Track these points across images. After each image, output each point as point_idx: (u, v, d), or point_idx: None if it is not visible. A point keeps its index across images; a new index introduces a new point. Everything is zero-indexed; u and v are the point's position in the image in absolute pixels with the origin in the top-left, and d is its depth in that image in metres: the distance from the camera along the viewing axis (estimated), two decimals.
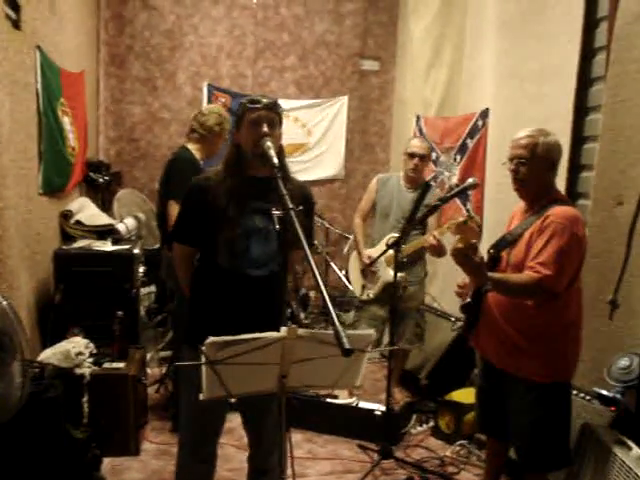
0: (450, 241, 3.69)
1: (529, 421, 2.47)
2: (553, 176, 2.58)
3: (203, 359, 1.56)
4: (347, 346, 1.31)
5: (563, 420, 2.49)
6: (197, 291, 2.36)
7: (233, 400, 2.20)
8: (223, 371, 1.58)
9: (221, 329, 2.06)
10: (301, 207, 1.86)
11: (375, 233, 4.11)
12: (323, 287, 1.44)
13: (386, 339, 4.38)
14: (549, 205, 2.46)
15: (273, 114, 2.21)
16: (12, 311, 2.03)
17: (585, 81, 3.36)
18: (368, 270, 4.00)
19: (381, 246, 3.95)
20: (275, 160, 2.02)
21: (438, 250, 3.56)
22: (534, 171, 2.47)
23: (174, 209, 3.31)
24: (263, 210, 2.11)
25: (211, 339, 1.55)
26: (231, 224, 2.17)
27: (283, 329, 1.56)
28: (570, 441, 2.55)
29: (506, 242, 2.55)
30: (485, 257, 2.50)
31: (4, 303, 2.03)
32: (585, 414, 2.80)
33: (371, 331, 1.70)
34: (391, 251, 3.87)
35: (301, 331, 1.56)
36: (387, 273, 3.89)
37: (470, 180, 2.75)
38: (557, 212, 2.41)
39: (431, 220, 3.97)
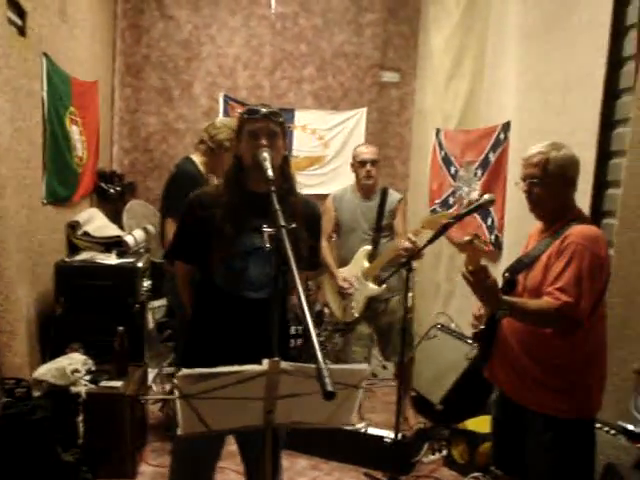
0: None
1: (548, 461, 2.26)
2: (571, 193, 2.37)
3: (176, 393, 1.41)
4: (329, 389, 1.15)
5: (586, 461, 2.27)
6: (195, 312, 2.23)
7: None
8: (200, 405, 1.43)
9: (215, 354, 1.92)
10: (294, 224, 1.69)
11: (344, 251, 3.96)
12: (308, 315, 1.28)
13: (375, 356, 4.27)
14: (568, 225, 2.26)
15: (273, 124, 2.07)
16: None
17: (612, 92, 3.17)
18: (344, 292, 3.84)
19: (356, 261, 3.82)
20: (270, 172, 1.87)
21: (413, 252, 3.37)
22: (548, 190, 2.27)
23: (170, 227, 3.19)
24: (261, 228, 1.96)
25: (184, 371, 1.40)
26: (227, 242, 2.04)
27: (265, 362, 1.40)
28: None
29: (523, 265, 2.35)
30: (500, 281, 2.31)
31: None
32: (609, 451, 2.58)
33: (364, 366, 1.53)
34: (367, 264, 3.76)
35: (285, 364, 1.39)
36: (368, 288, 3.75)
37: (486, 196, 2.56)
38: (576, 232, 2.20)
39: (397, 223, 3.88)
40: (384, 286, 3.66)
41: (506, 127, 4.16)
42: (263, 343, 1.87)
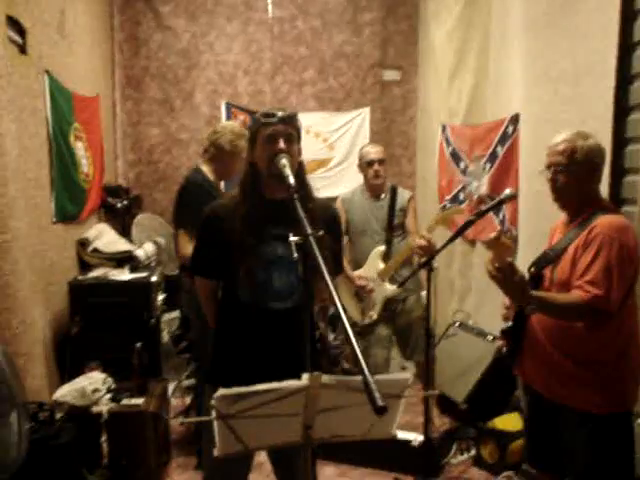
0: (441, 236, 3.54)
1: (585, 456, 2.21)
2: (596, 183, 2.33)
3: (214, 414, 1.36)
4: (380, 404, 1.10)
5: (625, 454, 2.22)
6: (219, 326, 2.19)
7: None
8: (238, 425, 1.38)
9: (244, 369, 1.88)
10: (322, 231, 1.64)
11: (357, 253, 3.91)
12: (350, 330, 1.22)
13: (395, 357, 4.21)
14: (594, 215, 2.21)
15: (290, 128, 2.02)
16: (6, 358, 1.86)
17: (624, 78, 3.11)
18: (362, 291, 3.78)
19: (370, 262, 3.78)
20: (291, 180, 1.82)
21: (429, 250, 3.32)
22: (574, 179, 2.23)
23: (183, 239, 3.15)
24: (284, 237, 1.91)
25: (222, 392, 1.34)
26: (249, 254, 1.98)
27: (305, 377, 1.34)
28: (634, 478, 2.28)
29: (548, 259, 2.30)
30: (526, 276, 2.26)
31: None
32: None
33: (407, 375, 1.48)
34: (382, 265, 3.71)
35: (325, 378, 1.34)
36: (385, 289, 3.71)
37: (507, 191, 2.52)
38: (603, 222, 2.15)
39: (409, 221, 3.85)
40: (395, 288, 3.61)
41: (515, 119, 4.10)
42: (294, 354, 1.82)
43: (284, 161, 1.89)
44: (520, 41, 3.98)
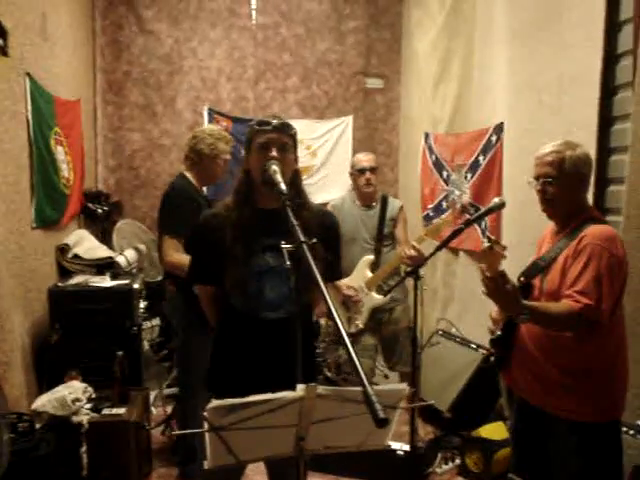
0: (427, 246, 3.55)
1: (574, 466, 2.20)
2: (585, 192, 2.34)
3: (206, 426, 1.32)
4: (382, 416, 1.08)
5: (613, 464, 2.22)
6: (217, 334, 2.17)
7: None
8: (230, 437, 1.34)
9: (239, 377, 1.90)
10: (315, 240, 1.61)
11: (346, 261, 3.86)
12: (347, 340, 1.20)
13: (380, 366, 4.19)
14: (583, 225, 2.21)
15: (284, 136, 1.99)
16: None
17: (609, 89, 3.14)
18: (349, 301, 3.76)
19: (358, 271, 3.75)
20: (282, 186, 1.79)
21: (418, 260, 3.32)
22: (563, 190, 2.23)
23: (168, 246, 3.10)
24: (277, 247, 1.88)
25: (214, 403, 1.31)
26: (240, 264, 1.95)
27: (300, 387, 1.32)
28: None
29: (538, 268, 2.30)
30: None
31: None
32: (630, 451, 2.52)
33: (403, 385, 1.46)
34: (369, 274, 3.69)
35: (321, 389, 1.31)
36: (371, 298, 3.70)
37: (496, 200, 2.51)
38: (593, 232, 2.15)
39: (399, 231, 3.84)
40: (389, 296, 3.59)
41: (498, 129, 4.13)
42: (288, 364, 1.79)
43: (274, 167, 1.87)
44: (504, 50, 4.01)
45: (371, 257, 3.74)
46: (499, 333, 2.38)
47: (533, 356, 2.27)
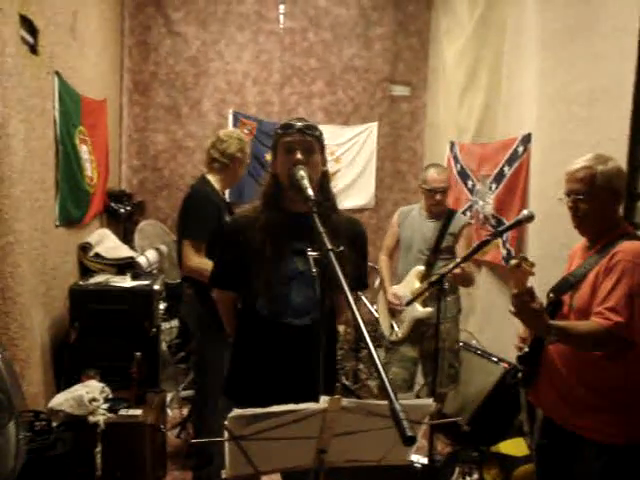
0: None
1: None
2: (617, 206, 2.28)
3: (226, 435, 1.30)
4: (409, 434, 1.04)
5: None
6: (237, 339, 2.14)
7: None
8: (250, 447, 1.31)
9: (260, 384, 1.88)
10: (342, 247, 1.58)
11: (400, 268, 3.85)
12: (374, 353, 1.16)
13: (419, 381, 4.11)
14: (616, 241, 2.15)
15: (309, 138, 1.97)
16: (6, 365, 1.79)
17: None
18: (394, 308, 3.73)
19: (408, 280, 3.70)
20: (309, 192, 1.77)
21: (463, 278, 3.26)
22: (595, 206, 2.17)
23: (188, 249, 3.09)
24: (305, 252, 1.86)
25: (236, 412, 1.28)
26: (268, 268, 1.93)
27: (324, 399, 1.28)
28: None
29: (568, 284, 2.23)
30: (544, 302, 2.20)
31: None
32: None
33: (429, 401, 1.42)
34: (418, 284, 3.63)
35: (345, 402, 1.28)
36: (415, 309, 3.62)
37: (525, 212, 2.46)
38: (626, 248, 2.09)
39: (460, 247, 3.73)
40: (430, 309, 3.52)
41: (526, 139, 4.06)
42: (310, 372, 1.76)
43: (302, 173, 1.84)
44: (534, 61, 3.95)
45: (422, 268, 3.66)
46: (526, 350, 2.33)
47: (561, 374, 2.21)
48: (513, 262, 2.04)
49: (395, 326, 3.74)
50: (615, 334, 2.00)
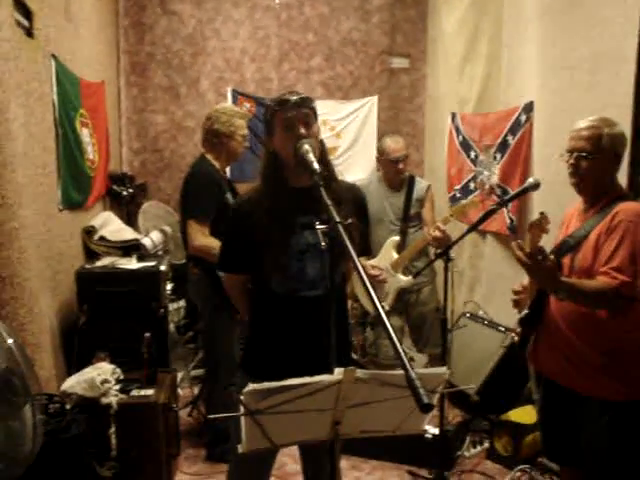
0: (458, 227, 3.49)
1: (606, 445, 2.18)
2: (616, 171, 2.31)
3: (242, 409, 1.30)
4: (426, 401, 1.05)
5: None
6: (253, 318, 2.15)
7: None
8: (266, 421, 1.32)
9: (280, 359, 1.91)
10: (350, 219, 1.58)
11: (372, 242, 3.85)
12: (385, 317, 1.17)
13: (406, 348, 4.15)
14: (614, 202, 2.19)
15: (307, 110, 1.95)
16: (19, 349, 1.80)
17: None
18: (374, 281, 3.72)
19: (384, 252, 3.71)
20: (316, 166, 1.76)
21: (444, 241, 3.27)
22: (597, 166, 2.21)
23: (193, 229, 3.10)
24: (314, 225, 1.85)
25: (252, 387, 1.29)
26: (280, 246, 1.93)
27: (338, 371, 1.29)
28: None
29: (568, 246, 2.27)
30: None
31: (9, 342, 1.80)
32: None
33: (443, 369, 1.43)
34: (395, 255, 3.65)
35: (360, 373, 1.29)
36: (398, 279, 3.65)
37: (531, 180, 2.47)
38: (626, 209, 2.14)
39: (426, 212, 3.80)
40: (411, 278, 3.56)
41: (528, 108, 4.03)
42: (326, 342, 1.78)
43: (306, 147, 1.83)
44: (535, 27, 3.90)
45: (397, 238, 3.70)
46: (527, 311, 2.36)
47: (565, 335, 2.24)
48: (537, 218, 2.06)
49: (382, 299, 3.76)
50: (621, 293, 2.05)
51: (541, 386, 2.49)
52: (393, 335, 1.15)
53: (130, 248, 3.98)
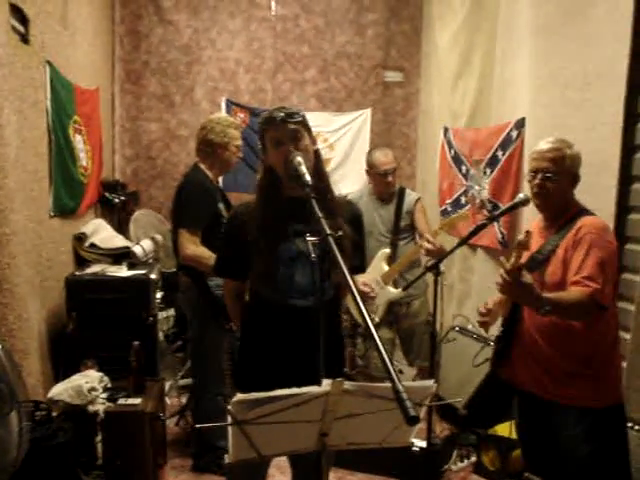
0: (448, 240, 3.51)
1: (584, 452, 2.23)
2: (574, 188, 2.42)
3: (229, 419, 1.30)
4: (412, 414, 1.06)
5: (620, 447, 2.28)
6: (244, 327, 2.17)
7: None
8: (253, 431, 1.33)
9: (267, 369, 1.91)
10: (341, 231, 1.60)
11: None
12: (375, 333, 1.18)
13: (395, 361, 4.16)
14: (576, 217, 2.31)
15: (295, 126, 1.96)
16: (7, 355, 1.79)
17: (635, 85, 3.09)
18: (365, 297, 3.74)
19: (375, 265, 3.71)
20: (307, 177, 1.77)
21: (437, 252, 3.29)
22: (561, 185, 2.33)
23: (184, 238, 3.10)
24: (305, 233, 1.87)
25: (239, 397, 1.29)
26: (270, 252, 1.96)
27: (326, 382, 1.29)
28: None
29: (537, 262, 2.34)
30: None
31: None
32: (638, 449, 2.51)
33: (431, 382, 1.44)
34: (386, 267, 3.66)
35: (348, 385, 1.29)
36: (388, 292, 3.66)
37: (521, 195, 2.49)
38: (589, 223, 2.26)
39: (420, 224, 3.81)
40: (401, 290, 3.57)
41: (520, 124, 4.07)
42: (316, 354, 1.78)
43: (298, 159, 1.84)
44: (528, 44, 3.94)
45: (388, 250, 3.72)
46: (502, 328, 2.41)
47: (540, 347, 2.31)
48: (522, 236, 2.09)
49: (372, 311, 3.77)
50: (595, 300, 2.13)
51: (517, 399, 2.53)
52: (382, 348, 1.16)
53: (121, 256, 3.98)
